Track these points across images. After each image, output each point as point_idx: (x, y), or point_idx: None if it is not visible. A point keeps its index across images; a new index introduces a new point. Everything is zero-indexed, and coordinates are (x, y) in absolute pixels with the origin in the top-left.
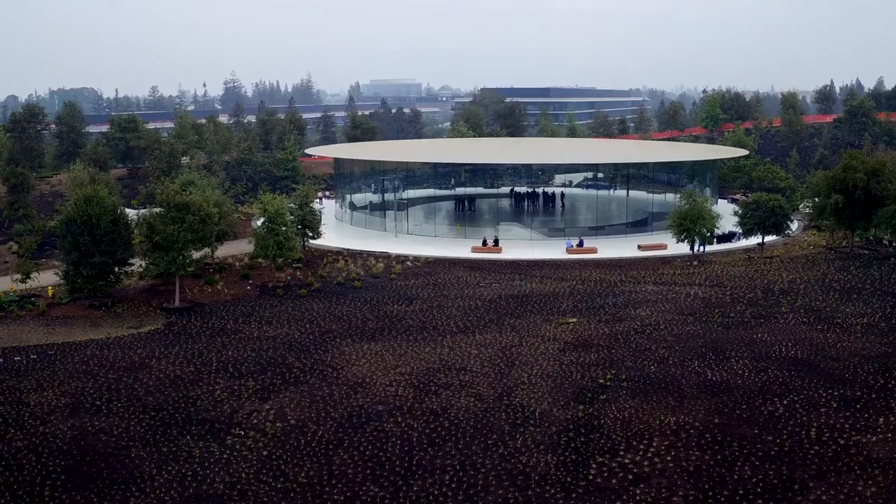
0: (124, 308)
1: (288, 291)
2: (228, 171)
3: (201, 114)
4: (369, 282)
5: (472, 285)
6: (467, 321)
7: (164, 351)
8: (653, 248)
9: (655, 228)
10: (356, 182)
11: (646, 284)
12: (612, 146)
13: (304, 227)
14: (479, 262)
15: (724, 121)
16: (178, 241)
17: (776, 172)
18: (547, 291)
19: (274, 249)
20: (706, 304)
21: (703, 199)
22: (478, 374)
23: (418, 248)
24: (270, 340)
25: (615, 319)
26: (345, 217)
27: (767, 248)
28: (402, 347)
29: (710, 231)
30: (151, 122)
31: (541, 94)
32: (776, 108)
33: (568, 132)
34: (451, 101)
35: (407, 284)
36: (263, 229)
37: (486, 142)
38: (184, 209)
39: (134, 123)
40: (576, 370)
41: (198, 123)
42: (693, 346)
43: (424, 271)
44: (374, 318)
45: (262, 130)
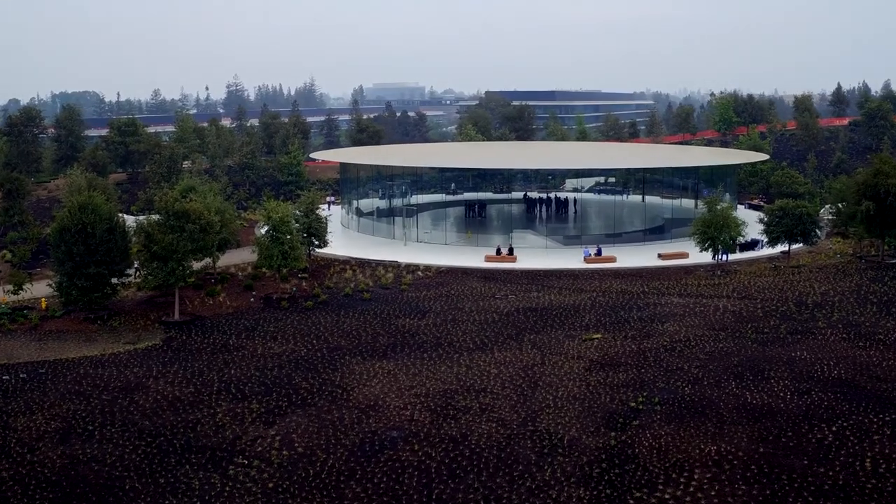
0: (121, 321)
1: (293, 304)
2: (231, 175)
3: (203, 117)
4: (379, 293)
5: (487, 297)
6: (484, 337)
7: (163, 369)
8: (674, 257)
9: (675, 235)
10: (363, 187)
11: (671, 296)
12: (625, 150)
13: (309, 235)
14: (493, 272)
15: (737, 124)
16: (177, 250)
17: (795, 177)
18: (567, 304)
19: (278, 259)
20: (737, 318)
21: (726, 206)
22: (499, 395)
23: (429, 257)
24: (275, 358)
25: (642, 335)
26: (351, 223)
27: (792, 256)
28: (417, 366)
29: (735, 239)
30: (153, 125)
31: (546, 97)
32: (783, 112)
33: (578, 135)
34: (456, 105)
35: (419, 296)
36: (267, 238)
37: (496, 145)
38: (183, 217)
39: (134, 127)
40: (604, 392)
41: (199, 127)
42: (728, 365)
43: (436, 282)
44: (386, 333)
45: (266, 134)
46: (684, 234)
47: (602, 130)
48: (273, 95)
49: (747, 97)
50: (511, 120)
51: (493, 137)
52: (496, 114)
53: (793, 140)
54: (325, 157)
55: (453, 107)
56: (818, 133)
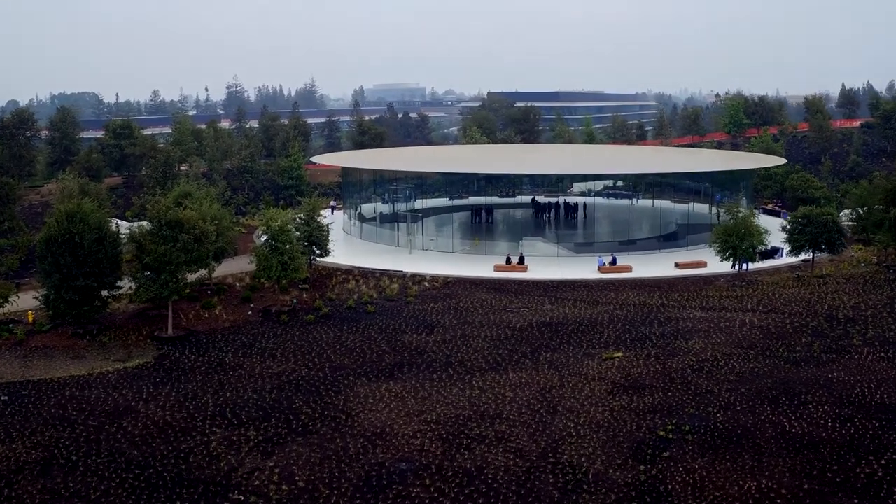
0: (111, 337)
1: (293, 317)
2: (229, 179)
3: (203, 118)
4: (383, 306)
5: (497, 310)
6: (497, 355)
7: (154, 391)
8: (691, 266)
9: (690, 243)
10: (365, 191)
11: (692, 310)
12: (636, 153)
13: (310, 244)
14: (502, 283)
15: (747, 126)
16: (170, 262)
17: (810, 181)
18: (583, 318)
19: (278, 271)
20: (765, 334)
21: (748, 212)
22: (515, 422)
23: (435, 266)
24: (274, 378)
25: (666, 354)
26: (353, 230)
27: (814, 265)
28: (426, 388)
29: (757, 248)
30: (152, 127)
31: (550, 97)
32: (788, 113)
33: (586, 137)
34: (458, 106)
35: (425, 309)
36: (266, 248)
37: (502, 148)
38: (176, 227)
39: (129, 129)
40: (629, 419)
41: (197, 129)
42: (761, 388)
43: (444, 293)
44: (392, 350)
45: (265, 136)
46: (701, 241)
47: (609, 132)
48: (273, 96)
49: (757, 98)
50: (516, 121)
51: (497, 139)
52: (499, 115)
53: (805, 142)
54: (326, 161)
55: (455, 108)
56: (831, 135)
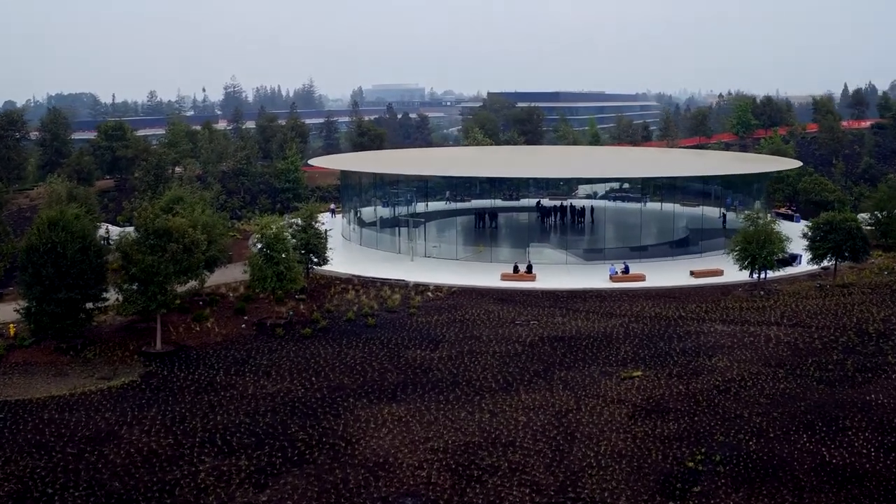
0: (96, 352)
1: (289, 331)
2: (224, 182)
3: (201, 119)
4: (385, 318)
5: (506, 323)
6: (508, 374)
7: (139, 414)
8: (708, 275)
9: (705, 249)
10: (365, 195)
11: (713, 323)
12: (643, 154)
13: (307, 252)
14: (510, 293)
15: (755, 126)
16: (158, 273)
17: (824, 184)
18: (597, 332)
19: (273, 282)
20: (794, 351)
21: (770, 219)
22: (530, 451)
23: (439, 275)
24: (269, 400)
25: (689, 373)
26: (353, 235)
27: (837, 273)
28: (432, 411)
29: (779, 256)
30: (149, 128)
31: (550, 98)
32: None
33: (591, 139)
34: (457, 106)
35: (429, 321)
36: (260, 257)
37: (505, 150)
38: (165, 236)
39: (122, 131)
40: (654, 447)
41: (192, 130)
42: (794, 412)
43: (448, 304)
44: (394, 368)
45: (262, 138)
46: (715, 247)
47: (613, 133)
48: (271, 97)
49: (765, 99)
50: (519, 122)
51: (500, 141)
52: (501, 115)
53: (814, 144)
54: (323, 164)
55: (454, 108)
56: (842, 136)
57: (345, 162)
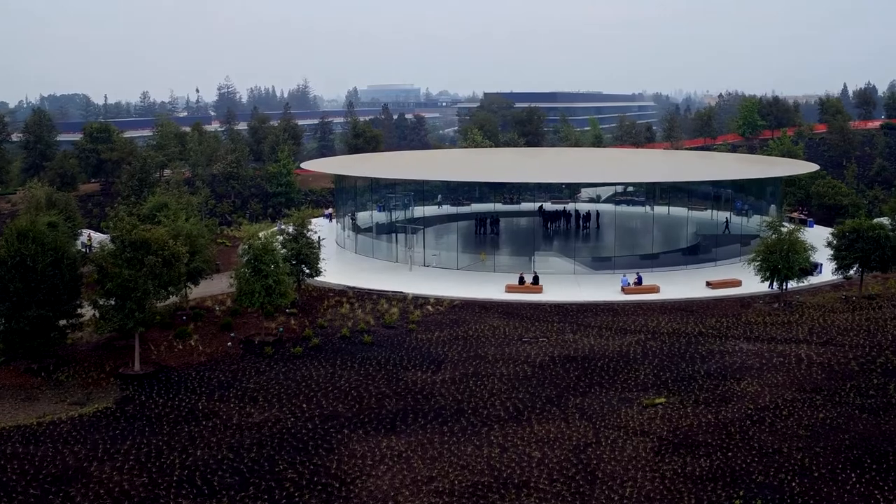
0: (69, 373)
1: (279, 349)
2: (214, 185)
3: (194, 120)
4: (382, 334)
5: (512, 341)
6: (517, 400)
7: (111, 447)
8: (725, 286)
9: (720, 256)
10: (360, 198)
11: (737, 341)
12: (650, 157)
13: (299, 262)
14: (516, 307)
15: (762, 127)
16: (135, 288)
17: (838, 187)
18: (612, 351)
19: (261, 296)
20: (829, 373)
21: (794, 227)
22: (547, 493)
23: (439, 286)
24: (255, 431)
25: (717, 399)
26: (347, 242)
27: (857, 283)
28: (436, 445)
29: (804, 267)
30: (141, 129)
31: (548, 98)
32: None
33: (593, 140)
34: (453, 107)
35: (430, 339)
36: (248, 270)
37: (506, 152)
38: (142, 248)
39: (107, 133)
40: (686, 488)
41: (181, 132)
42: (838, 446)
43: (450, 319)
44: (393, 393)
45: (254, 139)
46: (730, 255)
47: (616, 134)
48: (265, 98)
49: (772, 99)
50: (519, 123)
51: (500, 142)
52: (499, 116)
53: (823, 145)
54: (316, 168)
55: (450, 109)
56: (853, 137)
57: (339, 165)
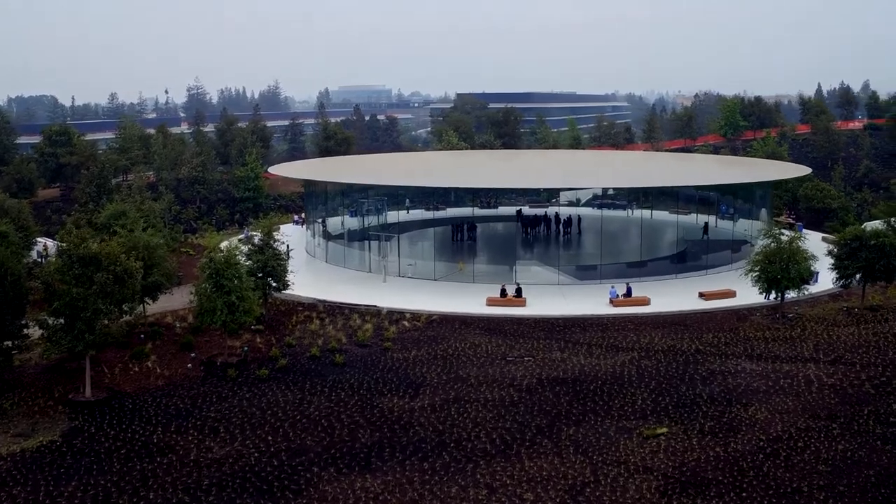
0: (14, 400)
1: (243, 371)
2: (180, 190)
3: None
4: (355, 354)
5: (496, 360)
6: (505, 431)
7: (54, 489)
8: (719, 297)
9: (711, 264)
10: (331, 203)
11: (738, 360)
12: (633, 159)
13: (265, 275)
14: (498, 322)
15: (744, 128)
16: (85, 308)
17: (826, 190)
18: (604, 371)
19: (223, 314)
20: (842, 397)
21: (794, 235)
22: None
23: (416, 299)
24: (214, 469)
25: (724, 428)
26: (317, 251)
27: (856, 293)
28: (416, 486)
29: (806, 277)
30: (105, 131)
31: (522, 98)
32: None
33: (571, 141)
34: (426, 108)
35: (407, 358)
36: (209, 285)
37: (483, 155)
38: (93, 263)
39: (67, 136)
40: None
41: (146, 134)
42: (863, 484)
43: (428, 335)
44: (367, 423)
45: (221, 142)
46: (720, 262)
47: (593, 135)
48: (236, 99)
49: (754, 99)
50: (495, 125)
51: (476, 144)
52: (473, 117)
53: (807, 146)
54: (283, 172)
55: (422, 109)
56: (838, 138)
57: (308, 170)
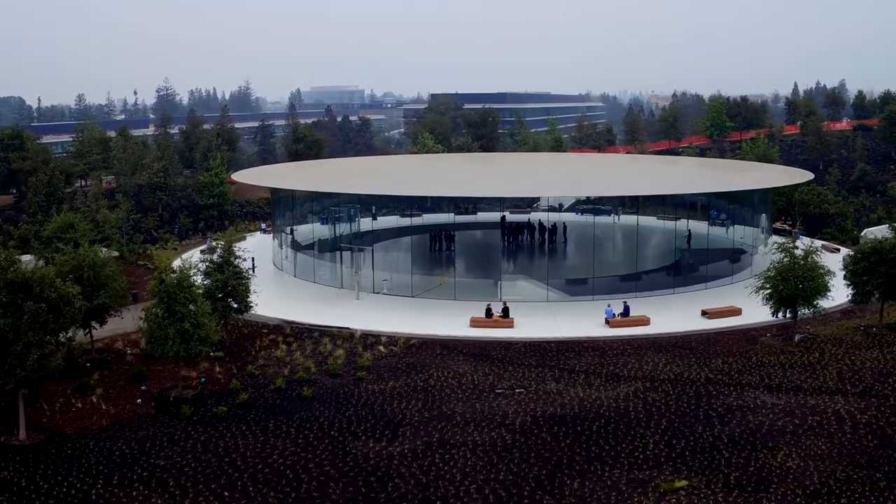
0: None
1: (199, 406)
2: (140, 197)
3: (133, 124)
4: (325, 385)
5: (484, 393)
6: (498, 483)
7: None
8: (723, 315)
9: (711, 276)
10: (300, 209)
11: (756, 391)
12: (619, 163)
13: (226, 296)
14: (484, 346)
15: (730, 129)
16: (16, 340)
17: (823, 195)
18: (606, 407)
19: (176, 344)
20: (881, 438)
21: (809, 248)
22: None
23: (392, 320)
24: None
25: (752, 480)
26: (285, 264)
27: (872, 310)
28: None
29: (824, 295)
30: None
31: (496, 99)
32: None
33: (553, 144)
34: (399, 108)
35: (383, 391)
36: (160, 311)
37: (461, 159)
38: (22, 290)
39: (20, 140)
40: None
41: (105, 137)
42: None
43: (406, 363)
44: (339, 474)
45: (186, 145)
46: (721, 273)
47: (574, 137)
48: (207, 100)
49: (740, 99)
50: (472, 126)
51: (452, 147)
52: (448, 118)
53: (796, 147)
54: (248, 180)
55: (396, 110)
56: (830, 140)
57: (273, 177)
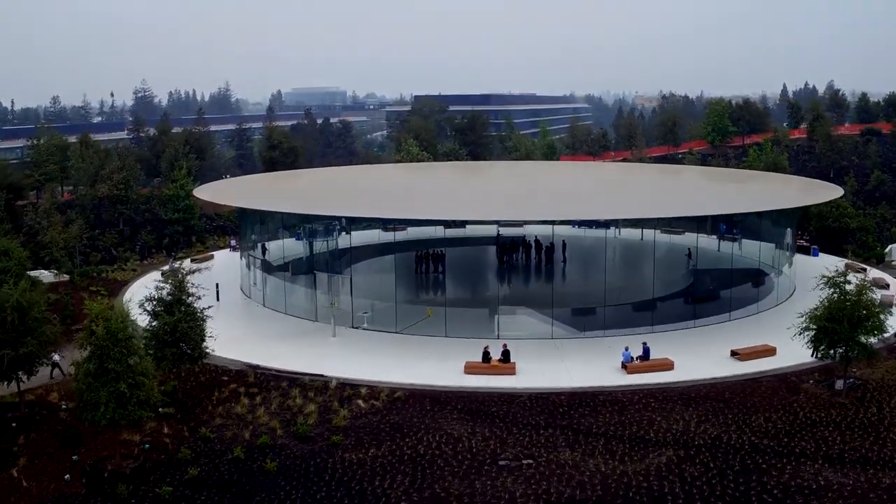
0: None
1: (140, 484)
2: (101, 211)
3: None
4: (293, 454)
5: (485, 466)
6: None
7: None
8: (755, 355)
9: (735, 304)
10: (271, 225)
11: (813, 463)
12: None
13: (176, 341)
14: (482, 399)
15: (732, 133)
16: None
17: (843, 207)
18: (636, 486)
19: (110, 409)
20: None
21: (862, 283)
22: None
23: (373, 364)
24: None
25: None
26: (254, 291)
27: None
28: None
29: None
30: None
31: (480, 101)
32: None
33: (546, 150)
34: (381, 110)
35: (363, 462)
36: (92, 365)
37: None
38: None
39: None
40: None
41: (65, 144)
42: None
43: (390, 423)
44: None
45: (153, 153)
46: (747, 300)
47: (567, 142)
48: (186, 102)
49: (743, 101)
50: (460, 131)
51: (439, 154)
52: (432, 122)
53: (804, 154)
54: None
55: (378, 112)
56: (843, 146)
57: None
